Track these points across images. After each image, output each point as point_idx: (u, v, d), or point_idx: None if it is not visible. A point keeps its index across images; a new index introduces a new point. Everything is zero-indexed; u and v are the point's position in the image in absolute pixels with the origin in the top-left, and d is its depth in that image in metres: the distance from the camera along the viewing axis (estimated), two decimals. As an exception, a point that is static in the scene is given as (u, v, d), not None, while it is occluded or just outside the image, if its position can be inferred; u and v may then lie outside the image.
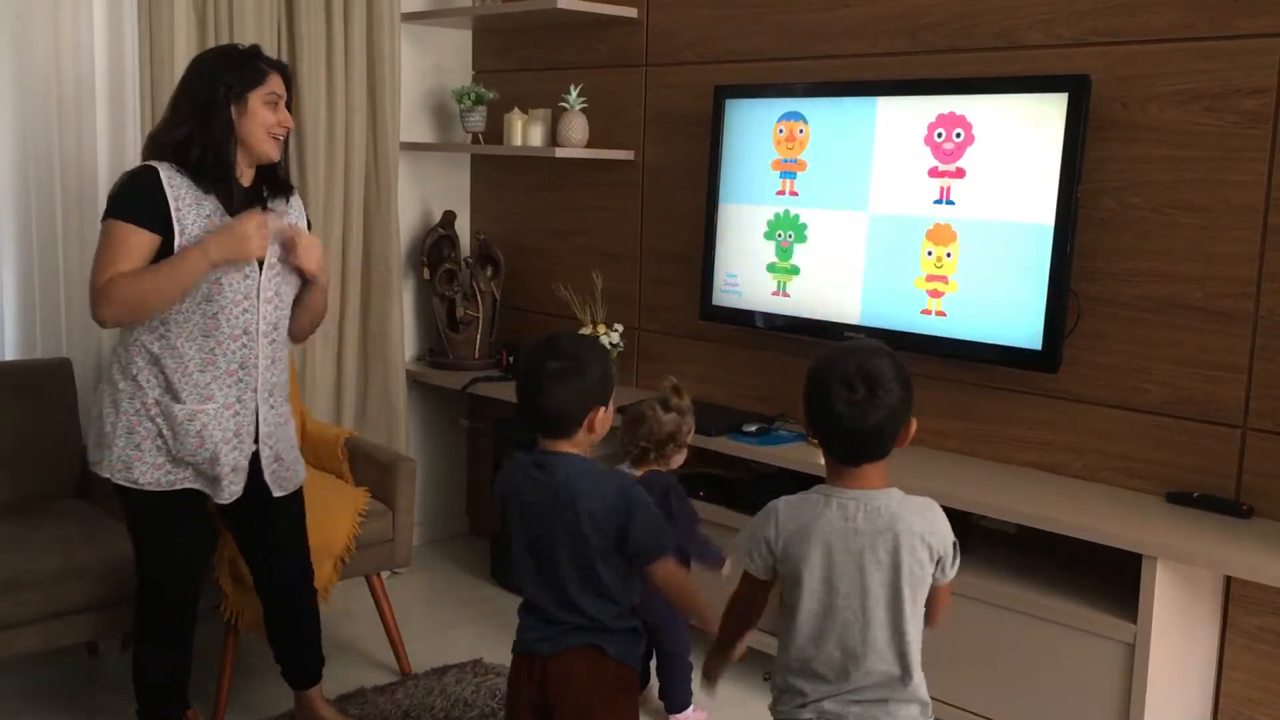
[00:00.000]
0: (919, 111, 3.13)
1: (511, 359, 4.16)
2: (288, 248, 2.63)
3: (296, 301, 2.77)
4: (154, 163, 2.55)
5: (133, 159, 3.61)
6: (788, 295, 3.47)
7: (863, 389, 1.89)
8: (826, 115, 3.32)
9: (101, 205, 3.54)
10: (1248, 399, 2.78)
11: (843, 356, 1.94)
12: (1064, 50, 2.99)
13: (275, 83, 2.61)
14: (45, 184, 3.51)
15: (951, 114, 3.06)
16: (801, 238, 3.41)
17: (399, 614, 3.49)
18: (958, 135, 3.05)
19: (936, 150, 3.10)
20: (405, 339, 4.24)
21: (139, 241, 2.50)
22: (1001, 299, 3.02)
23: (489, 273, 4.26)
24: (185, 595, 2.75)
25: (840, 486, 1.96)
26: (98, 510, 3.26)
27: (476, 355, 4.25)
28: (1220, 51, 2.76)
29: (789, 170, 3.42)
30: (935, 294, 3.15)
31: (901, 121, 3.16)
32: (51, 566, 2.89)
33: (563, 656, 2.19)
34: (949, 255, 3.11)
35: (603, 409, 2.18)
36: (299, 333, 2.82)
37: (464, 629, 3.74)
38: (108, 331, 3.61)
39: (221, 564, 3.03)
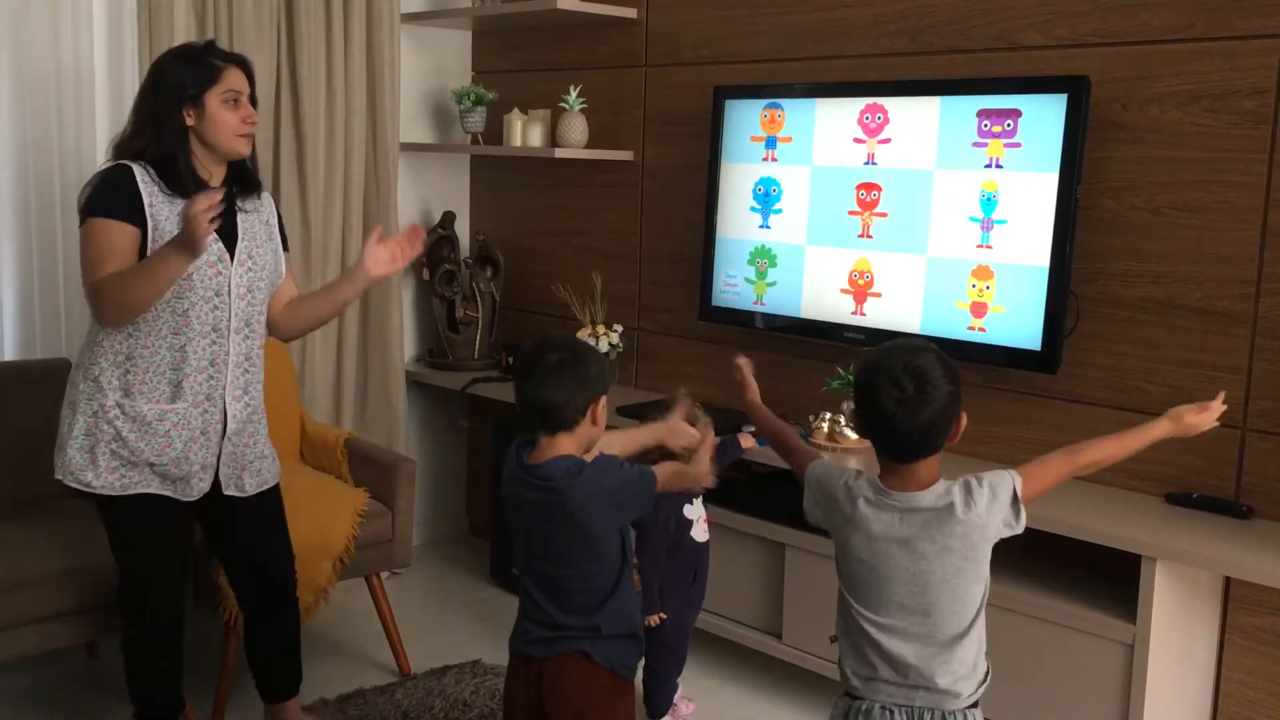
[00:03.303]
0: (919, 111, 3.13)
1: (511, 359, 4.16)
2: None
3: (299, 301, 2.77)
4: (127, 161, 2.50)
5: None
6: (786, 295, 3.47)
7: (911, 386, 1.89)
8: (827, 115, 3.33)
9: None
10: (1247, 399, 2.78)
11: (889, 355, 1.95)
12: (1063, 51, 2.99)
13: (232, 78, 2.53)
14: (45, 184, 3.51)
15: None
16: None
17: (398, 614, 3.49)
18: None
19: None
20: (405, 339, 4.24)
21: (122, 236, 2.45)
22: (1001, 299, 3.02)
23: (488, 273, 4.26)
24: (164, 584, 2.68)
25: (889, 489, 1.98)
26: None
27: (476, 356, 4.25)
28: (1220, 52, 2.76)
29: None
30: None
31: (902, 121, 3.17)
32: (51, 566, 2.90)
33: (556, 661, 2.20)
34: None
35: (604, 399, 2.21)
36: (290, 333, 2.78)
37: (463, 629, 3.74)
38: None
39: (219, 564, 3.02)
